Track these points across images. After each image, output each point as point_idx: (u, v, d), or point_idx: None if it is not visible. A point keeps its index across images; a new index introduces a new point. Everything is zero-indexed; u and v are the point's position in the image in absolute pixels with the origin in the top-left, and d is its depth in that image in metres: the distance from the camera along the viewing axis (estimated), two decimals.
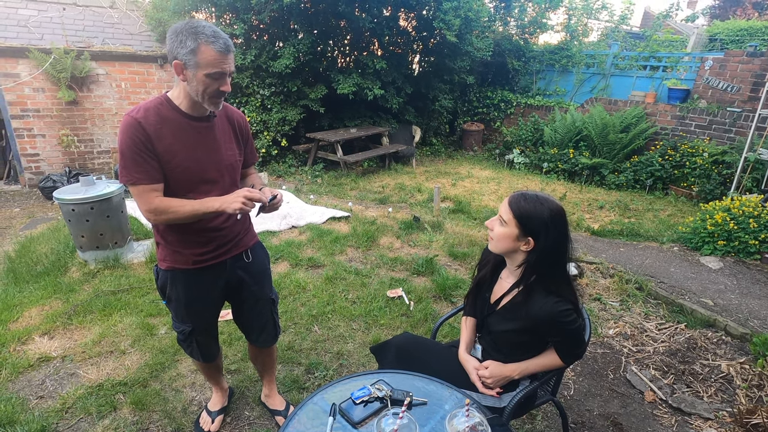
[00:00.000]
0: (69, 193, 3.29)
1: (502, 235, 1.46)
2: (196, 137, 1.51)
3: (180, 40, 1.32)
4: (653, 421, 2.22)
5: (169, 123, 1.45)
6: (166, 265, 1.65)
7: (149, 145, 1.41)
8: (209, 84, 1.37)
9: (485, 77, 9.07)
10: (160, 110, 1.45)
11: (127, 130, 1.39)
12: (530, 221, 1.41)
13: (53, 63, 5.56)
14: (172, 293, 1.69)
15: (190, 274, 1.65)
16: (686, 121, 6.29)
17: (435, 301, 3.23)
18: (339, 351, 2.63)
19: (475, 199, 5.80)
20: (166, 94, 1.49)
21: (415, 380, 1.38)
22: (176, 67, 1.36)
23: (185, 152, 1.48)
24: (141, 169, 1.41)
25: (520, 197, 1.44)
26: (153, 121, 1.42)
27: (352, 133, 6.99)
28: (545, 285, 1.43)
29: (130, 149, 1.40)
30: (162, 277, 1.69)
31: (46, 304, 3.01)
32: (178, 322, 1.77)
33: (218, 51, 1.33)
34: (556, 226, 1.42)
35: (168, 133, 1.45)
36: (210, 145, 1.55)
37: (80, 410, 2.14)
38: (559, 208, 1.43)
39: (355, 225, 4.48)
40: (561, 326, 1.40)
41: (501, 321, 1.54)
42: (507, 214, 1.44)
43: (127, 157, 1.40)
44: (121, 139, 1.40)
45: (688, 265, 3.84)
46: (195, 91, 1.39)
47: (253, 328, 1.92)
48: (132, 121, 1.40)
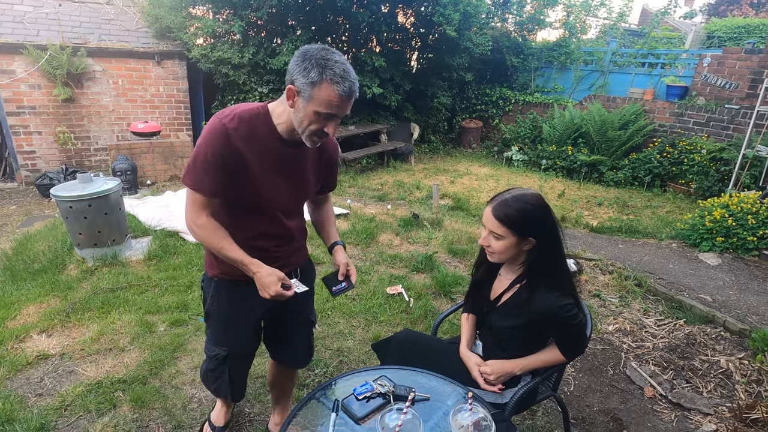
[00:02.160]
0: (66, 190, 3.26)
1: (503, 248, 1.44)
2: (281, 163, 1.38)
3: (305, 67, 1.19)
4: (653, 417, 2.23)
5: (258, 139, 1.32)
6: (213, 272, 1.51)
7: (228, 159, 1.29)
8: (315, 121, 1.25)
9: (484, 74, 9.06)
10: (255, 123, 1.32)
11: (212, 135, 1.28)
12: (525, 224, 1.40)
13: (49, 59, 5.52)
14: (213, 307, 1.54)
15: (236, 286, 1.49)
16: (684, 118, 6.30)
17: (435, 297, 3.22)
18: (339, 348, 2.63)
19: (474, 196, 5.80)
20: (267, 106, 1.35)
21: (418, 376, 1.38)
22: (288, 92, 1.24)
23: (263, 176, 1.35)
24: (208, 179, 1.30)
25: (502, 206, 1.42)
26: (243, 134, 1.30)
27: (350, 130, 6.97)
28: (547, 280, 1.42)
29: (207, 155, 1.27)
30: (205, 285, 1.56)
31: (44, 301, 2.99)
32: (213, 344, 1.60)
33: (339, 94, 1.20)
34: (547, 216, 1.42)
35: (253, 149, 1.32)
36: (293, 174, 1.43)
37: (79, 408, 2.13)
38: (538, 197, 1.43)
39: (354, 222, 4.48)
40: (563, 321, 1.40)
41: (502, 317, 1.54)
42: (499, 228, 1.42)
43: (199, 161, 1.29)
44: (203, 141, 1.29)
45: (687, 261, 3.85)
46: (298, 122, 1.27)
47: (287, 349, 1.77)
48: (221, 128, 1.27)
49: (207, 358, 1.62)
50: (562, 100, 7.92)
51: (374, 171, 7.01)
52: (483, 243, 1.50)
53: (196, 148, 1.30)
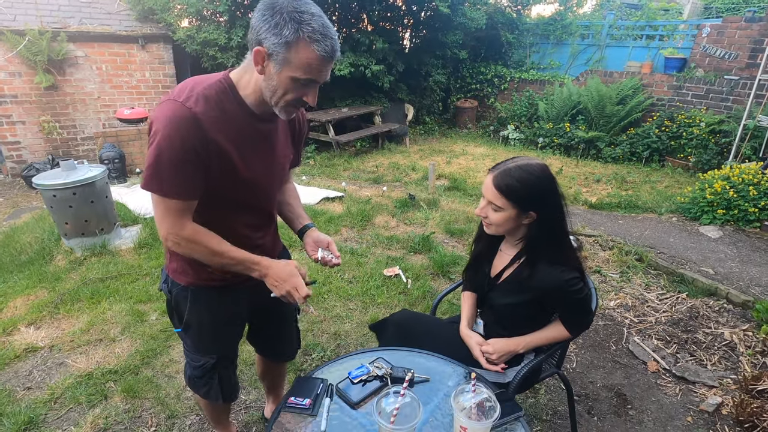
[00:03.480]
0: (50, 179, 3.15)
1: (501, 220, 1.36)
2: (255, 142, 1.17)
3: (276, 23, 0.96)
4: (657, 391, 2.19)
5: (229, 119, 1.09)
6: (187, 279, 1.28)
7: (201, 150, 1.05)
8: (292, 89, 1.04)
9: (478, 52, 8.86)
10: (222, 101, 1.08)
11: (176, 124, 1.01)
12: (526, 197, 1.32)
13: (28, 45, 5.32)
14: (192, 317, 1.32)
15: (217, 293, 1.31)
16: (683, 90, 6.18)
17: (433, 278, 3.16)
18: (336, 331, 2.57)
19: (471, 176, 5.71)
20: (229, 77, 1.11)
21: (416, 357, 1.31)
22: (256, 55, 1.00)
23: (241, 161, 1.14)
24: (181, 181, 1.05)
25: (505, 175, 1.32)
26: (213, 116, 1.05)
27: (343, 112, 6.82)
28: (549, 254, 1.35)
29: (175, 151, 1.02)
30: (178, 296, 1.32)
31: (32, 293, 2.91)
32: (198, 354, 1.40)
33: (321, 55, 0.99)
34: (551, 189, 1.33)
35: (226, 132, 1.09)
36: (267, 153, 1.22)
37: (69, 400, 2.07)
38: (543, 168, 1.34)
39: (350, 205, 4.39)
40: (568, 296, 1.33)
41: (503, 295, 1.47)
42: (498, 199, 1.33)
43: (165, 161, 1.02)
44: (164, 135, 1.01)
45: (687, 235, 3.79)
46: (270, 91, 1.05)
47: (276, 345, 1.67)
48: (185, 113, 1.01)
49: (191, 367, 1.43)
50: (559, 76, 7.77)
51: (369, 153, 6.89)
52: (479, 213, 1.42)
53: (157, 145, 1.02)
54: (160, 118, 1.03)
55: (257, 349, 1.73)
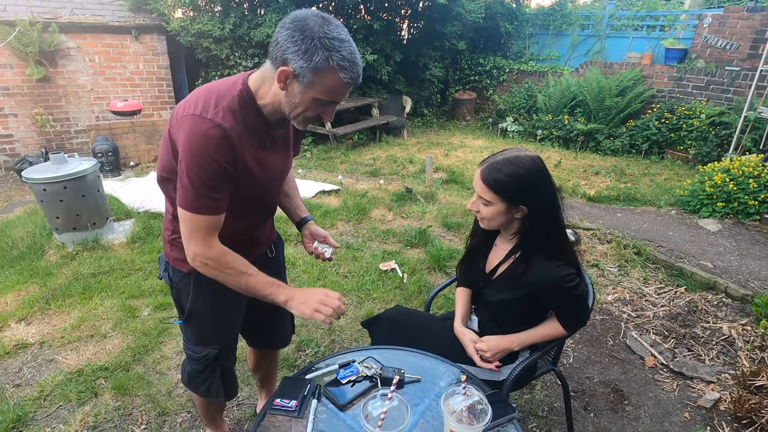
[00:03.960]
0: (39, 172, 3.10)
1: (492, 214, 1.33)
2: (270, 148, 1.19)
3: (306, 48, 0.95)
4: (654, 386, 2.17)
5: (250, 132, 1.10)
6: (188, 267, 1.23)
7: (231, 166, 1.06)
8: (313, 108, 1.06)
9: (477, 43, 8.76)
10: (244, 114, 1.08)
11: (210, 143, 1.01)
12: (515, 191, 1.28)
13: (18, 36, 5.22)
14: (195, 305, 1.31)
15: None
16: (683, 82, 6.11)
17: (429, 272, 3.13)
18: (330, 327, 2.54)
19: (468, 169, 5.65)
20: (248, 87, 1.09)
21: (408, 356, 1.28)
22: (281, 74, 0.99)
23: (259, 169, 1.16)
24: (214, 197, 1.06)
25: (493, 169, 1.29)
26: (239, 130, 1.06)
27: (340, 104, 6.73)
28: (545, 249, 1.31)
29: (211, 169, 1.02)
30: (180, 284, 1.31)
31: (22, 289, 2.87)
32: (200, 344, 1.38)
33: (347, 82, 1.00)
34: (542, 182, 1.29)
35: (248, 144, 1.10)
36: (279, 156, 1.24)
37: (59, 397, 2.04)
38: (534, 160, 1.29)
39: (346, 198, 4.34)
40: (564, 292, 1.29)
41: (498, 291, 1.43)
42: (487, 194, 1.30)
43: (201, 181, 1.02)
44: (201, 155, 1.01)
45: (686, 228, 3.76)
46: (290, 107, 1.06)
47: (272, 331, 1.65)
48: (218, 132, 1.01)
49: (192, 361, 1.40)
50: (558, 67, 7.68)
51: (366, 146, 6.82)
52: (471, 208, 1.38)
53: (191, 165, 1.01)
54: (189, 137, 1.02)
55: (249, 340, 1.71)
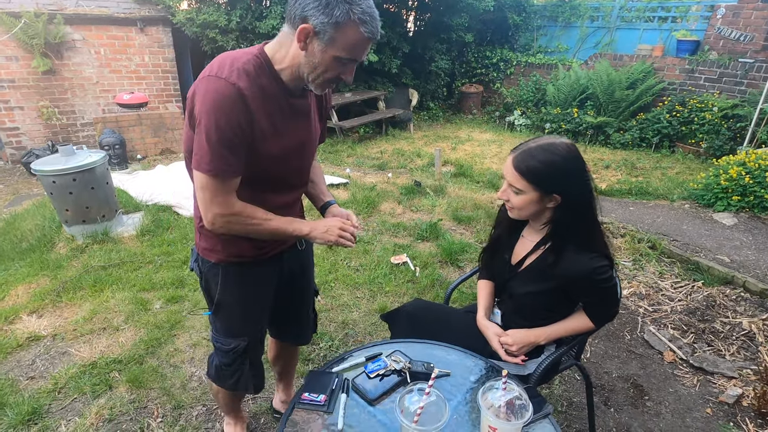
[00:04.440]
0: (49, 164, 3.07)
1: (523, 203, 1.29)
2: (291, 118, 1.16)
3: (326, 2, 0.96)
4: (674, 382, 2.13)
5: (267, 97, 1.08)
6: (218, 257, 1.25)
7: (246, 127, 1.04)
8: (333, 68, 1.04)
9: (484, 35, 8.66)
10: (260, 77, 1.06)
11: (224, 101, 1.00)
12: (549, 178, 1.24)
13: (24, 28, 5.18)
14: (224, 296, 1.30)
15: (247, 269, 1.29)
16: (695, 74, 6.02)
17: (441, 266, 3.10)
18: (344, 320, 2.52)
19: (477, 162, 5.60)
20: (264, 52, 1.08)
21: (434, 349, 1.25)
22: (301, 32, 0.98)
23: (279, 140, 1.13)
24: (231, 159, 1.05)
25: (526, 156, 1.26)
26: (255, 92, 1.04)
27: (347, 97, 6.68)
28: (577, 240, 1.27)
29: (223, 131, 1.01)
30: (208, 274, 1.30)
31: (33, 281, 2.85)
32: (230, 336, 1.35)
33: (367, 36, 1.00)
34: (578, 171, 1.26)
35: (265, 110, 1.08)
36: (301, 129, 1.21)
37: (73, 390, 2.02)
38: (570, 147, 1.26)
39: (354, 191, 4.31)
40: (596, 285, 1.26)
41: (525, 283, 1.40)
42: (519, 182, 1.26)
43: (217, 139, 1.01)
44: (214, 112, 0.99)
45: (701, 222, 3.71)
46: (309, 68, 1.04)
47: (292, 328, 1.63)
48: (232, 90, 1.00)
49: (220, 353, 1.38)
50: (567, 60, 7.58)
51: (372, 139, 6.77)
52: (501, 196, 1.35)
53: (206, 124, 1.01)
54: (204, 96, 1.01)
55: (273, 332, 1.69)
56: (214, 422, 1.87)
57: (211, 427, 1.85)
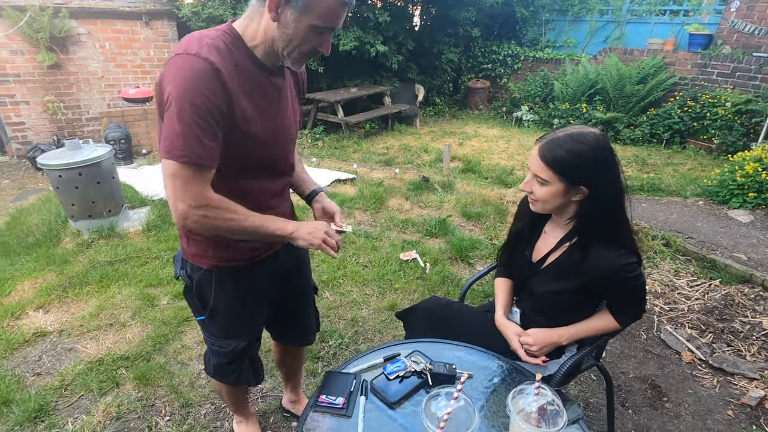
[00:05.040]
0: (55, 159, 3.04)
1: (548, 196, 1.24)
2: (270, 98, 1.08)
3: None
4: (693, 383, 2.08)
5: (243, 73, 0.99)
6: (210, 262, 1.17)
7: (225, 107, 0.95)
8: (309, 38, 0.97)
9: (491, 30, 8.56)
10: (233, 53, 0.97)
11: (198, 79, 0.90)
12: (576, 169, 1.19)
13: (29, 22, 5.15)
14: (219, 301, 1.23)
15: (242, 272, 1.22)
16: (708, 69, 5.91)
17: (451, 263, 3.05)
18: (353, 317, 2.47)
19: (485, 158, 5.53)
20: (233, 28, 1.01)
21: (455, 350, 1.20)
22: (271, 2, 0.92)
23: (259, 121, 1.04)
24: (206, 144, 0.94)
25: (553, 145, 1.21)
26: (230, 68, 0.96)
27: (352, 92, 6.62)
28: (605, 235, 1.22)
29: (197, 110, 0.91)
30: (201, 281, 1.21)
31: (39, 276, 2.83)
32: (227, 338, 1.30)
33: (342, 1, 0.94)
34: (606, 161, 1.21)
35: (242, 87, 0.99)
36: (281, 109, 1.12)
37: (80, 387, 1.99)
38: (600, 137, 1.21)
39: (362, 187, 4.26)
40: (624, 283, 1.20)
41: (547, 281, 1.34)
42: (544, 172, 1.21)
43: (191, 121, 0.91)
44: (186, 91, 0.90)
45: (716, 219, 3.63)
46: (284, 40, 0.97)
47: (296, 328, 1.57)
48: (202, 65, 0.91)
49: (218, 354, 1.33)
50: (575, 54, 7.48)
51: (378, 135, 6.71)
52: (524, 188, 1.29)
53: (178, 104, 0.90)
54: (173, 75, 0.92)
55: (274, 334, 1.63)
56: (222, 421, 1.84)
57: (219, 426, 1.82)
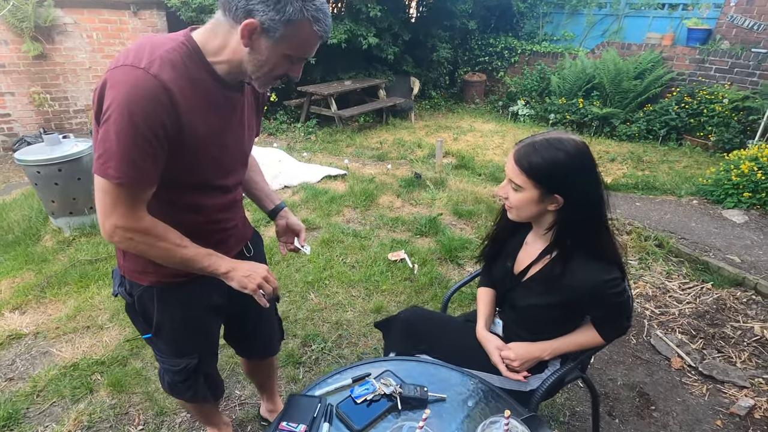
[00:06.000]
0: (32, 154, 2.95)
1: (521, 203, 1.18)
2: (226, 115, 1.03)
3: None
4: (682, 390, 2.04)
5: (199, 90, 0.95)
6: (150, 279, 1.11)
7: (172, 128, 0.90)
8: (281, 66, 0.95)
9: (488, 22, 8.42)
10: (189, 68, 0.92)
11: (143, 97, 0.85)
12: (551, 176, 1.12)
13: (12, 10, 5.01)
14: (164, 319, 1.16)
15: (188, 287, 1.14)
16: (706, 64, 5.83)
17: (440, 263, 2.99)
18: (338, 320, 2.42)
19: (479, 153, 5.46)
20: (192, 39, 0.94)
21: (429, 368, 1.14)
22: (245, 28, 0.87)
23: (211, 138, 0.99)
24: (145, 166, 0.89)
25: (528, 150, 1.14)
26: (183, 85, 0.91)
27: (346, 85, 6.51)
28: (585, 247, 1.16)
29: (138, 130, 0.85)
30: (142, 298, 1.14)
31: (17, 276, 2.76)
32: (176, 357, 1.23)
33: (320, 35, 0.93)
34: (584, 170, 1.14)
35: (197, 105, 0.94)
36: (238, 126, 1.09)
37: (53, 393, 1.94)
38: (579, 145, 1.14)
39: (353, 183, 4.18)
40: (607, 299, 1.15)
41: (529, 294, 1.28)
42: (518, 177, 1.15)
43: (130, 143, 0.86)
44: (125, 111, 0.84)
45: (710, 219, 3.58)
46: (255, 66, 0.93)
47: (255, 343, 1.50)
48: (151, 83, 0.86)
49: (170, 372, 1.26)
50: (573, 48, 7.37)
51: (372, 129, 6.62)
52: (499, 193, 1.23)
53: (118, 122, 0.84)
54: (117, 90, 0.85)
55: (237, 350, 1.57)
56: (198, 430, 1.79)
57: None
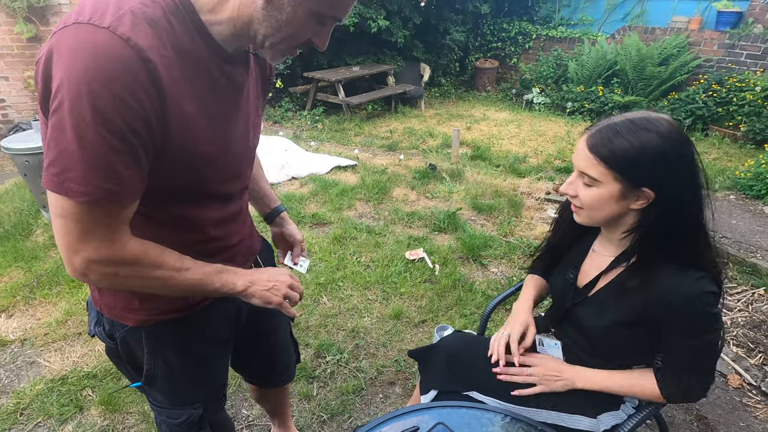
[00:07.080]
0: (20, 142, 2.72)
1: (598, 201, 0.93)
2: (225, 97, 0.77)
3: None
4: (744, 413, 1.81)
5: (188, 64, 0.68)
6: (138, 318, 0.85)
7: (152, 117, 0.64)
8: (307, 28, 0.71)
9: (501, 6, 8.07)
10: (174, 30, 0.66)
11: (110, 70, 0.58)
12: (639, 165, 0.87)
13: None
14: (157, 364, 0.91)
15: (187, 325, 0.90)
16: (736, 50, 5.50)
17: (463, 263, 2.76)
18: (354, 327, 2.20)
19: (495, 143, 5.19)
20: None
21: (488, 415, 0.91)
22: None
23: (210, 129, 0.74)
24: (123, 171, 0.63)
25: (608, 134, 0.89)
26: (170, 56, 0.65)
27: (354, 71, 6.22)
28: (675, 256, 0.91)
29: (109, 121, 0.59)
30: (127, 341, 0.89)
31: (5, 274, 2.55)
32: (175, 407, 0.99)
33: None
34: (682, 157, 0.88)
35: (188, 86, 0.69)
36: (240, 112, 0.82)
37: (38, 411, 1.73)
38: (673, 125, 0.89)
39: (364, 175, 3.94)
40: (700, 318, 0.88)
41: (598, 313, 1.04)
42: (594, 168, 0.90)
43: (92, 140, 0.59)
44: (88, 89, 0.57)
45: (752, 216, 3.32)
46: (272, 26, 0.68)
47: (271, 368, 1.28)
48: (124, 51, 0.59)
49: (169, 426, 1.01)
50: (592, 33, 7.04)
51: (381, 117, 6.34)
52: (565, 190, 0.98)
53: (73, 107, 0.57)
54: (70, 61, 0.57)
55: (248, 378, 1.35)
56: None
57: None
